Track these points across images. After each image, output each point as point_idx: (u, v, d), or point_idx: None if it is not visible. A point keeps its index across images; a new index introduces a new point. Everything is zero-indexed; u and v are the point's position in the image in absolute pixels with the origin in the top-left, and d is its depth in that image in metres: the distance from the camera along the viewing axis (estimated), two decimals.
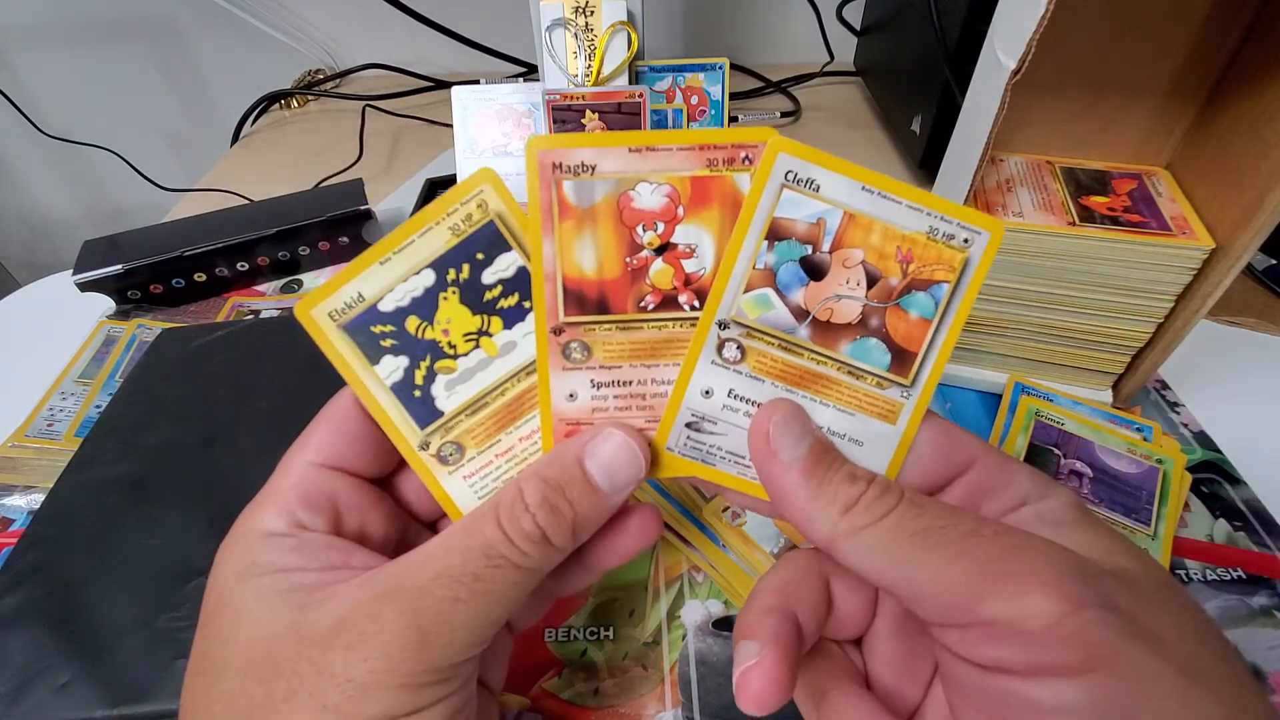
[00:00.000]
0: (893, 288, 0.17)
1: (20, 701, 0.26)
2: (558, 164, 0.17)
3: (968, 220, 0.17)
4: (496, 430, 0.19)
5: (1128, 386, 0.37)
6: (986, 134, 0.29)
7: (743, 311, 0.18)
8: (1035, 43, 0.25)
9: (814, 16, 0.72)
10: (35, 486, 0.36)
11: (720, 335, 0.18)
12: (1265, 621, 0.29)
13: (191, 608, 0.28)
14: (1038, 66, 0.26)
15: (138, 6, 0.81)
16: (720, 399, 0.18)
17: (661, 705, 0.27)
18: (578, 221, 0.18)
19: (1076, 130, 0.36)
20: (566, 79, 0.49)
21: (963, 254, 0.17)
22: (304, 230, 0.49)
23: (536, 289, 0.18)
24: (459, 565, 0.17)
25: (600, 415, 0.19)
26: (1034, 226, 0.33)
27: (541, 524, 0.17)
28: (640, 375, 0.18)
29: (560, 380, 0.18)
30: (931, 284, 0.17)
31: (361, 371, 0.19)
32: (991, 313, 0.36)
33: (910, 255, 0.17)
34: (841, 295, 0.17)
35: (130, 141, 0.81)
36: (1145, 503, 0.33)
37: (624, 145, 0.17)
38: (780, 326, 0.18)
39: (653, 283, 0.18)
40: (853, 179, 0.17)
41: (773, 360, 0.18)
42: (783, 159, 0.17)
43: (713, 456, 0.19)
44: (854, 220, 0.17)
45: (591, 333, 0.18)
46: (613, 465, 0.18)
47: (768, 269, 0.18)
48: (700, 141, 0.17)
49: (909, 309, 0.17)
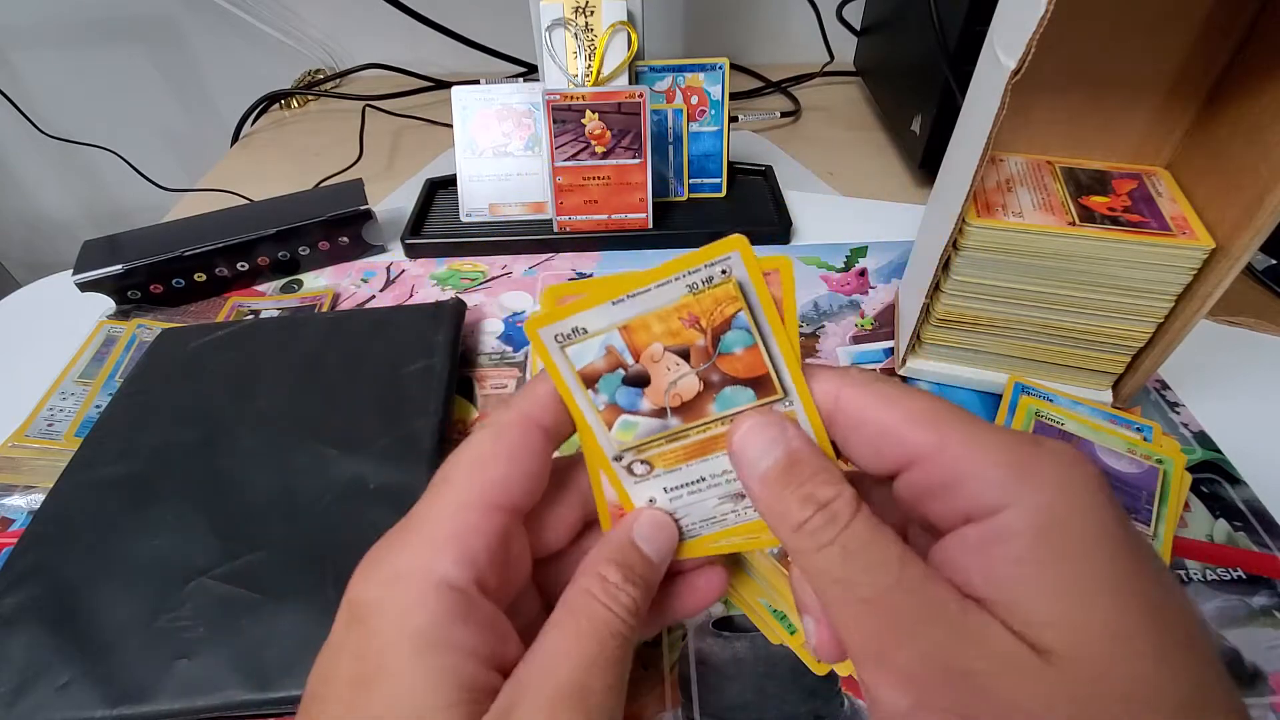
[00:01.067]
0: (704, 346, 0.18)
1: (20, 701, 0.26)
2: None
3: (709, 258, 0.17)
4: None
5: (1128, 386, 0.37)
6: (986, 134, 0.29)
7: (621, 442, 0.20)
8: (1035, 43, 0.25)
9: (814, 16, 0.72)
10: (35, 486, 0.36)
11: (623, 465, 0.20)
12: (1265, 621, 0.29)
13: (192, 608, 0.29)
14: (1038, 66, 0.26)
15: (137, 6, 0.81)
16: (664, 499, 0.21)
17: (661, 705, 0.27)
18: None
19: (1077, 130, 0.36)
20: (566, 79, 0.49)
21: (730, 281, 0.18)
22: (304, 230, 0.49)
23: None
24: (598, 651, 0.18)
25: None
26: (1034, 226, 0.33)
27: (634, 596, 0.19)
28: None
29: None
30: (729, 320, 0.18)
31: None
32: (991, 313, 0.36)
33: (693, 316, 0.18)
34: (674, 381, 0.19)
35: (130, 141, 0.81)
36: (1145, 503, 0.33)
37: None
38: (655, 430, 0.19)
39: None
40: (602, 304, 0.18)
41: (672, 452, 0.20)
42: (543, 333, 0.18)
43: (701, 528, 0.21)
44: (630, 329, 0.18)
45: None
46: (655, 538, 0.20)
47: (608, 404, 0.19)
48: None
49: (731, 349, 0.18)
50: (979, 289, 0.36)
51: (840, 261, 0.51)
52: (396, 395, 0.37)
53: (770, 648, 0.29)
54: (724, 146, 0.54)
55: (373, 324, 0.42)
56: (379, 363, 0.39)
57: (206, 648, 0.27)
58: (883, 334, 0.44)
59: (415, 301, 0.48)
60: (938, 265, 0.35)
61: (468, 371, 0.43)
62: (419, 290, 0.49)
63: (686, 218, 0.53)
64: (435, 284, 0.50)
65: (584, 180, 0.50)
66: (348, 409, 0.37)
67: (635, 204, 0.51)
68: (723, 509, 0.20)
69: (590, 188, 0.50)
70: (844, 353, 0.43)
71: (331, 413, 0.37)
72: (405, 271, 0.51)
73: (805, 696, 0.28)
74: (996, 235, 0.33)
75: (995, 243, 0.34)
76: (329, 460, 0.34)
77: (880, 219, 0.55)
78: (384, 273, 0.51)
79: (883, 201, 0.58)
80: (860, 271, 0.50)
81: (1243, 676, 0.28)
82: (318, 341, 0.41)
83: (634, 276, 0.18)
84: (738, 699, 0.28)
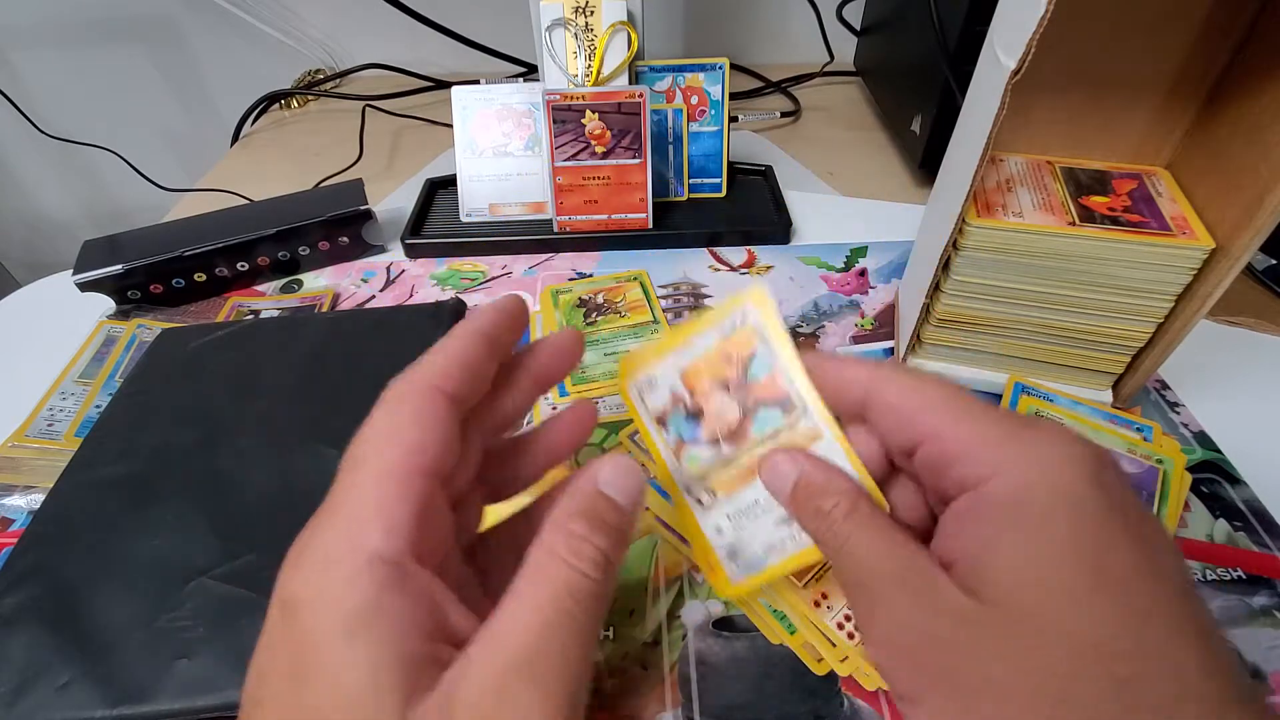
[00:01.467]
0: (737, 378, 0.23)
1: (20, 701, 0.26)
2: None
3: (729, 311, 0.23)
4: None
5: (1128, 386, 0.37)
6: (986, 134, 0.29)
7: (690, 473, 0.24)
8: (1035, 43, 0.25)
9: (814, 16, 0.72)
10: (35, 486, 0.36)
11: (693, 498, 0.24)
12: (1265, 621, 0.29)
13: (192, 608, 0.28)
14: (1038, 66, 0.26)
15: (137, 6, 0.81)
16: (728, 526, 0.24)
17: (661, 705, 0.27)
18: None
19: (1077, 130, 0.36)
20: (566, 79, 0.49)
21: (749, 330, 0.23)
22: (304, 230, 0.49)
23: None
24: (553, 614, 0.17)
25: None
26: (1033, 226, 0.33)
27: (601, 547, 0.18)
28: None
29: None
30: (751, 356, 0.23)
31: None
32: (991, 313, 0.36)
33: (727, 354, 0.23)
34: (719, 412, 0.24)
35: (130, 141, 0.81)
36: (1145, 502, 0.33)
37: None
38: (713, 459, 0.24)
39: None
40: (665, 355, 0.24)
41: (729, 477, 0.24)
42: (630, 389, 0.24)
43: (764, 558, 0.24)
44: (686, 374, 0.24)
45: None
46: (621, 483, 0.20)
47: (676, 439, 0.24)
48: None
49: (757, 377, 0.23)
50: (979, 289, 0.36)
51: (840, 261, 0.51)
52: None
53: (770, 648, 0.29)
54: (724, 146, 0.54)
55: (373, 324, 0.42)
56: (379, 363, 0.39)
57: (206, 648, 0.27)
58: (883, 334, 0.44)
59: (415, 301, 0.48)
60: (938, 265, 0.35)
61: None
62: (419, 290, 0.49)
63: (686, 218, 0.53)
64: (435, 284, 0.50)
65: (584, 180, 0.50)
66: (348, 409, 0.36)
67: (635, 204, 0.51)
68: (780, 534, 0.23)
69: (590, 188, 0.50)
70: (844, 353, 0.43)
71: (331, 413, 0.36)
72: (405, 271, 0.51)
73: (805, 696, 0.28)
74: (996, 235, 0.33)
75: (995, 243, 0.34)
76: (329, 460, 0.33)
77: (880, 219, 0.55)
78: (384, 273, 0.51)
79: (883, 201, 0.58)
80: (860, 271, 0.50)
81: None
82: (318, 341, 0.41)
83: (683, 329, 0.24)
84: (738, 699, 0.28)
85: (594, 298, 0.47)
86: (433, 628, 0.17)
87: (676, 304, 0.47)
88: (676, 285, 0.49)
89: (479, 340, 0.21)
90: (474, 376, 0.21)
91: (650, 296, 0.47)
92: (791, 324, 0.45)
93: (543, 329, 0.45)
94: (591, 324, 0.45)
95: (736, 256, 0.51)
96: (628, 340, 0.44)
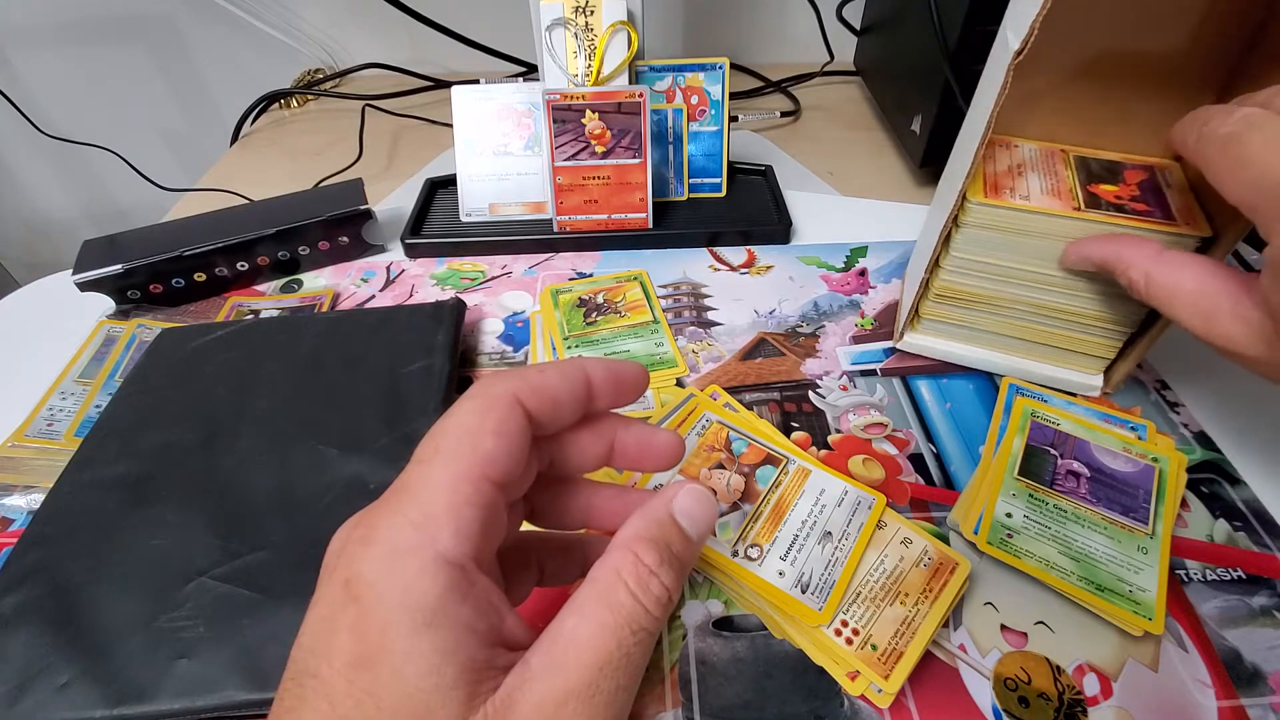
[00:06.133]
0: (728, 457, 0.32)
1: (20, 701, 0.26)
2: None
3: (698, 415, 0.33)
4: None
5: (1118, 372, 0.38)
6: (989, 112, 0.29)
7: (728, 540, 0.29)
8: (1039, 22, 0.25)
9: (814, 16, 0.72)
10: (35, 486, 0.36)
11: (740, 558, 0.29)
12: (1265, 621, 0.29)
13: (192, 607, 0.29)
14: (1055, 55, 0.26)
15: (137, 6, 0.81)
16: (787, 567, 0.28)
17: (662, 705, 0.27)
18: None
19: (1090, 119, 0.37)
20: (566, 79, 0.49)
21: (716, 425, 0.33)
22: (304, 230, 0.49)
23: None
24: (615, 649, 0.17)
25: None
26: (1032, 208, 0.33)
27: (667, 584, 0.18)
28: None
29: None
30: (728, 441, 0.32)
31: None
32: (988, 290, 0.37)
33: (709, 445, 0.32)
34: (728, 485, 0.31)
35: (130, 141, 0.81)
36: (1143, 501, 0.33)
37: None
38: (741, 519, 0.30)
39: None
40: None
41: (763, 527, 0.30)
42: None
43: (829, 576, 0.27)
44: (683, 470, 0.31)
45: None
46: (696, 514, 0.20)
47: None
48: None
49: (741, 451, 0.32)
50: (977, 266, 0.36)
51: (840, 261, 0.51)
52: (396, 395, 0.37)
53: (770, 647, 0.29)
54: (724, 146, 0.54)
55: (373, 324, 0.42)
56: (379, 363, 0.39)
57: (206, 648, 0.27)
58: (883, 334, 0.44)
59: (415, 301, 0.48)
60: (939, 240, 0.36)
61: (468, 371, 0.43)
62: (419, 290, 0.49)
63: (686, 218, 0.53)
64: (435, 284, 0.50)
65: (584, 180, 0.50)
66: (348, 409, 0.37)
67: (635, 204, 0.51)
68: (828, 549, 0.26)
69: (590, 187, 0.50)
70: (843, 352, 0.43)
71: (331, 413, 0.37)
72: (405, 271, 0.51)
73: (805, 696, 0.28)
74: (996, 214, 0.34)
75: (995, 221, 0.34)
76: (329, 460, 0.34)
77: (880, 219, 0.55)
78: (384, 272, 0.51)
79: (883, 201, 0.58)
80: (860, 271, 0.50)
81: (1243, 676, 0.28)
82: (318, 341, 0.41)
83: None
84: (738, 699, 0.28)
85: (594, 298, 0.47)
86: (490, 633, 0.17)
87: (676, 304, 0.47)
88: (676, 285, 0.49)
89: (582, 384, 0.21)
90: (561, 410, 0.20)
91: (650, 296, 0.47)
92: (791, 324, 0.45)
93: (543, 329, 0.45)
94: (591, 324, 0.45)
95: (736, 256, 0.51)
96: (628, 340, 0.44)
